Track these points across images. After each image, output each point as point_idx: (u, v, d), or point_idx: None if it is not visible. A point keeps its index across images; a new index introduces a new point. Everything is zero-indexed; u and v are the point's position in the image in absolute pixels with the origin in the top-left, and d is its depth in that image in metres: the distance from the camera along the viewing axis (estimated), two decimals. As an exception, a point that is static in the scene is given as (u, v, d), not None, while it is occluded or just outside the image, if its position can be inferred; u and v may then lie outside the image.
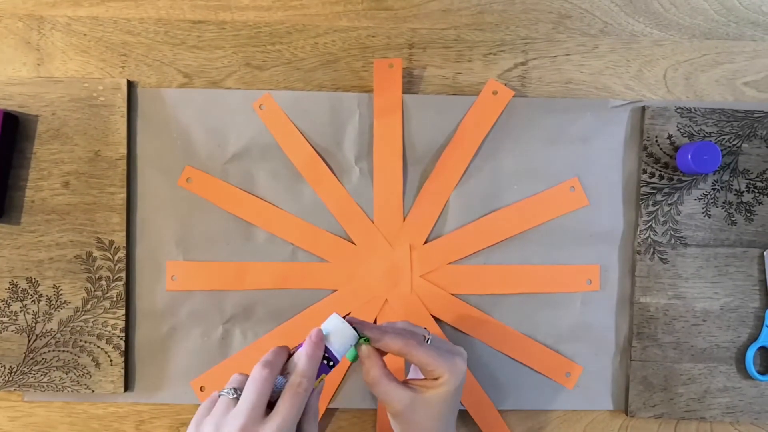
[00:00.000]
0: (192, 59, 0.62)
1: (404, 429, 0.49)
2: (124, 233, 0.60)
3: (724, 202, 0.62)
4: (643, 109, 0.62)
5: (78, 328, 0.60)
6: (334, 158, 0.62)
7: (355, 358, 0.49)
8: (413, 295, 0.61)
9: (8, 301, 0.60)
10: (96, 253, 0.60)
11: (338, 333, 0.47)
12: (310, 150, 0.61)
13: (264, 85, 0.62)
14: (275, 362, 0.46)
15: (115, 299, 0.60)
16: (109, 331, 0.60)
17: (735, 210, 0.62)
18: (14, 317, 0.60)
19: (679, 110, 0.61)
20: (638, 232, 0.62)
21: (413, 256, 0.61)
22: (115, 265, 0.60)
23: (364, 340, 0.48)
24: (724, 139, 0.61)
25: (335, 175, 0.61)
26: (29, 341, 0.60)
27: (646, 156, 0.61)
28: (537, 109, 0.62)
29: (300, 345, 0.47)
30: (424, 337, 0.50)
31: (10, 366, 0.60)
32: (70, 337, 0.60)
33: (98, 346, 0.60)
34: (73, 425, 0.61)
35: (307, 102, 0.61)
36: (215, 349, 0.61)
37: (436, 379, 0.48)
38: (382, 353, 0.49)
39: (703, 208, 0.62)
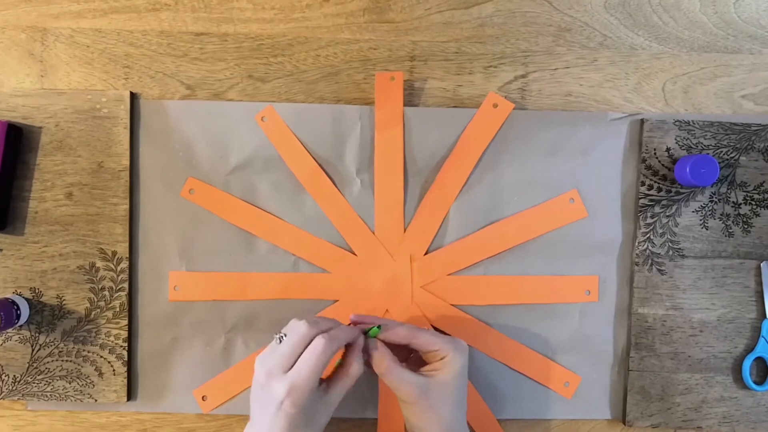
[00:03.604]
0: (194, 71, 0.62)
1: (419, 418, 0.51)
2: (126, 244, 0.61)
3: (721, 214, 0.62)
4: (642, 121, 0.62)
5: (81, 338, 0.61)
6: (335, 170, 0.62)
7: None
8: (414, 305, 0.62)
9: (12, 311, 0.61)
10: (99, 264, 0.61)
11: None
12: (311, 162, 0.62)
13: (266, 97, 0.62)
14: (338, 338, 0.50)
15: (117, 309, 0.61)
16: (112, 341, 0.61)
17: (732, 222, 0.62)
18: (18, 327, 0.60)
19: (677, 123, 0.62)
20: (636, 244, 0.62)
21: (414, 267, 0.62)
22: (117, 275, 0.61)
23: (377, 327, 0.51)
24: (722, 151, 0.62)
25: (337, 186, 0.62)
26: (33, 351, 0.61)
27: (645, 168, 0.62)
28: (537, 122, 0.62)
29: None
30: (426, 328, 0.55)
31: (14, 375, 0.61)
32: (74, 347, 0.61)
33: (101, 356, 0.61)
34: (76, 434, 0.62)
35: (308, 114, 0.62)
36: (217, 359, 0.62)
37: (442, 359, 0.52)
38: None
39: (700, 220, 0.62)
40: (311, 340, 0.49)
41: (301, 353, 0.48)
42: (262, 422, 0.49)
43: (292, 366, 0.48)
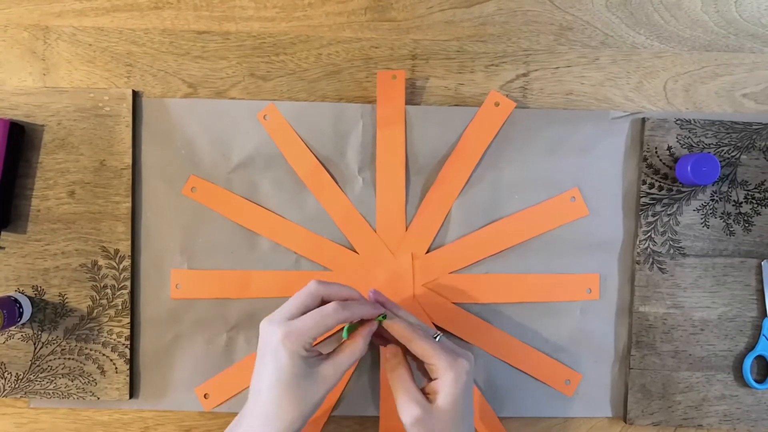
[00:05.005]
0: (196, 69, 0.62)
1: None
2: (129, 242, 0.61)
3: (722, 213, 0.62)
4: (643, 120, 0.62)
5: (83, 336, 0.61)
6: (337, 168, 0.62)
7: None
8: (415, 303, 0.62)
9: (14, 309, 0.61)
10: (101, 262, 0.61)
11: None
12: (313, 160, 0.62)
13: (268, 95, 0.62)
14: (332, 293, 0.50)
15: (120, 307, 0.61)
16: (114, 339, 0.61)
17: (733, 220, 0.62)
18: (20, 325, 0.61)
19: (678, 122, 0.62)
20: (638, 242, 0.62)
21: (415, 266, 0.62)
22: (120, 273, 0.61)
23: (382, 317, 0.51)
24: (723, 150, 0.62)
25: (338, 184, 0.62)
26: (35, 349, 0.61)
27: (646, 167, 0.62)
28: (538, 120, 0.62)
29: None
30: (434, 336, 0.52)
31: (17, 373, 0.61)
32: (76, 345, 0.61)
33: (103, 354, 0.61)
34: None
35: (310, 112, 0.62)
36: (219, 357, 0.62)
37: (437, 378, 0.49)
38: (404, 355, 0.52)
39: (701, 218, 0.62)
40: (319, 298, 0.49)
41: (307, 309, 0.48)
42: (256, 372, 0.48)
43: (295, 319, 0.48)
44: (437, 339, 0.52)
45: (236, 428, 0.49)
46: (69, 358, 0.61)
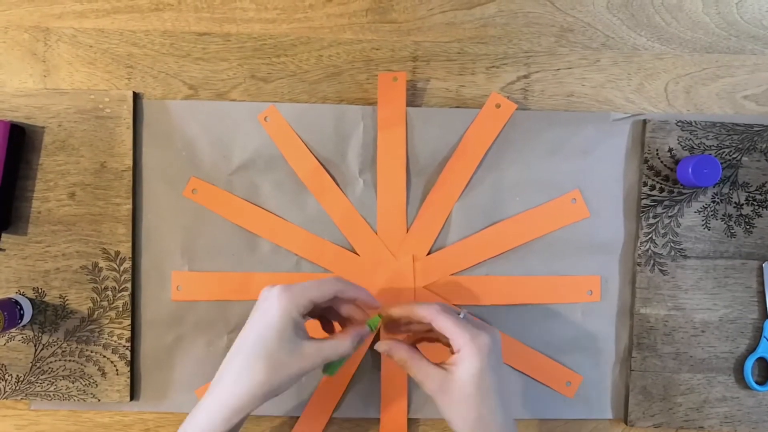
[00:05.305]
0: (197, 71, 0.62)
1: (445, 412, 0.50)
2: (129, 244, 0.61)
3: (723, 215, 0.62)
4: (644, 122, 0.62)
5: (84, 338, 0.61)
6: (338, 170, 0.62)
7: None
8: (416, 305, 0.62)
9: (15, 311, 0.61)
10: (102, 264, 0.61)
11: None
12: (314, 162, 0.62)
13: (269, 97, 0.62)
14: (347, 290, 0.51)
15: (120, 309, 0.61)
16: (115, 341, 0.61)
17: (734, 222, 0.62)
18: (21, 327, 0.61)
19: (679, 123, 0.62)
20: (639, 244, 0.62)
21: (416, 267, 0.62)
22: (120, 275, 0.61)
23: (375, 320, 0.53)
24: (724, 152, 0.62)
25: (339, 186, 0.62)
26: (36, 351, 0.61)
27: (647, 169, 0.62)
28: (539, 122, 0.62)
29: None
30: (458, 313, 0.52)
31: (17, 375, 0.61)
32: (77, 347, 0.61)
33: (104, 356, 0.61)
34: (79, 433, 0.62)
35: (311, 114, 0.62)
36: (220, 359, 0.61)
37: (457, 351, 0.50)
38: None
39: (702, 220, 0.62)
40: (332, 292, 0.51)
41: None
42: (242, 331, 0.50)
43: None
44: (462, 316, 0.52)
45: (207, 393, 0.50)
46: (69, 360, 0.61)
